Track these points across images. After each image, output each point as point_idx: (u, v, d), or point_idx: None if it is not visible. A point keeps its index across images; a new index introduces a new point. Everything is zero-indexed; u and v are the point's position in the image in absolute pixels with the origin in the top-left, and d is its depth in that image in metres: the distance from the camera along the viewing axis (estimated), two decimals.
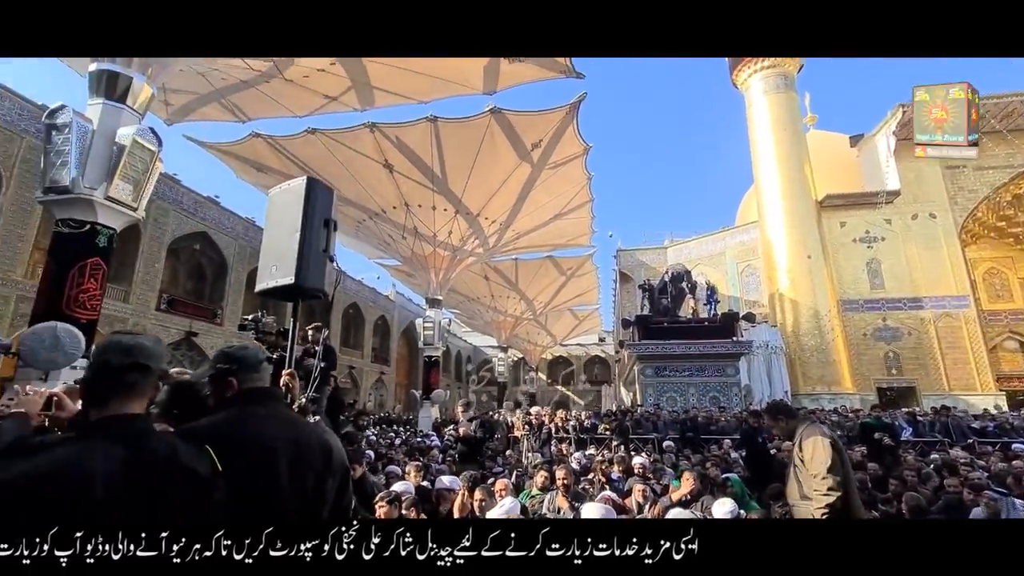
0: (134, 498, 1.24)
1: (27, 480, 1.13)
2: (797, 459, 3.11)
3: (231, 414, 1.66)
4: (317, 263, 2.69)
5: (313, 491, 1.75)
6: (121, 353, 1.35)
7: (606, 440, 11.49)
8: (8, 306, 12.59)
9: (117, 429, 1.29)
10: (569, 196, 20.73)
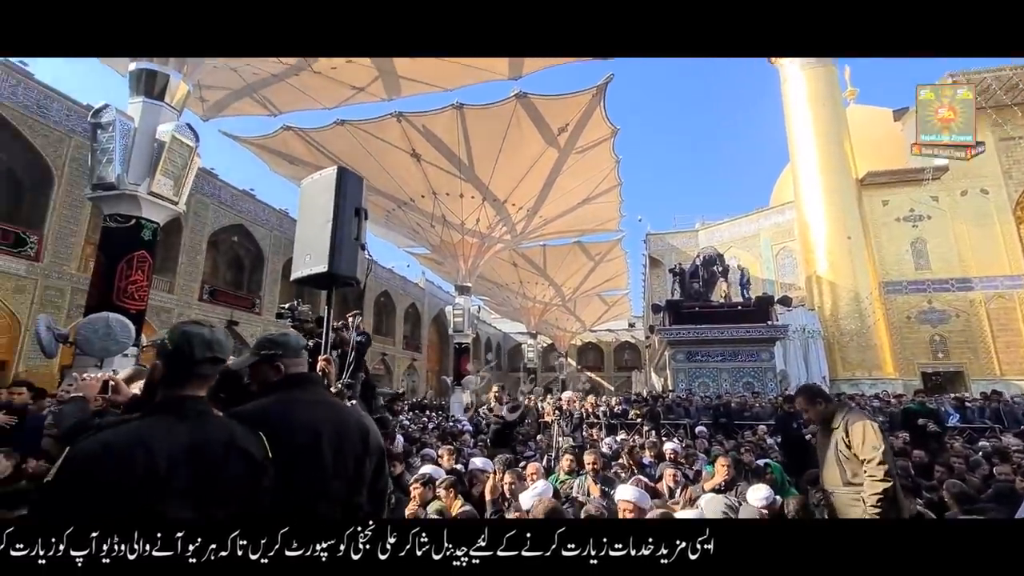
0: (194, 475, 1.31)
1: (101, 450, 1.21)
2: (842, 444, 3.04)
3: (277, 398, 1.72)
4: (349, 251, 2.75)
5: (353, 472, 1.82)
6: (203, 346, 1.44)
7: (637, 425, 11.46)
8: (64, 298, 13.32)
9: (182, 409, 1.37)
10: (597, 180, 20.48)
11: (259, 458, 1.45)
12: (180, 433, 1.33)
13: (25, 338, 12.18)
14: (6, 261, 12.26)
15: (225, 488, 1.36)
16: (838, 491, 3.06)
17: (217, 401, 1.91)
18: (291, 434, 1.63)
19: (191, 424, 1.36)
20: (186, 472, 1.30)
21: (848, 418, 3.11)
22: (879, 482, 2.84)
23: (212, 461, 1.34)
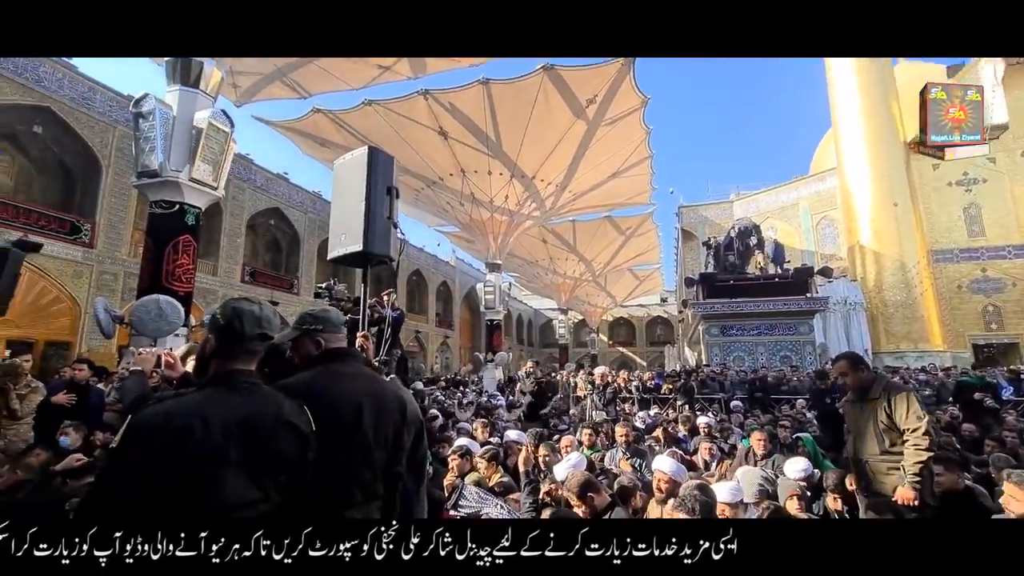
0: (247, 446, 1.41)
1: (162, 419, 1.31)
2: (882, 414, 3.01)
3: (319, 372, 1.81)
4: (383, 230, 2.82)
5: (392, 443, 1.90)
6: (253, 322, 1.52)
7: (670, 400, 11.42)
8: (118, 282, 14.05)
9: (234, 383, 1.46)
10: (627, 153, 20.03)
11: (305, 430, 1.53)
12: (234, 406, 1.41)
13: (85, 320, 12.95)
14: (64, 248, 12.97)
15: (275, 459, 1.44)
16: (873, 461, 3.05)
17: (263, 375, 2.03)
18: (333, 406, 1.70)
19: (243, 397, 1.45)
20: (240, 443, 1.38)
21: (890, 389, 3.10)
22: (923, 451, 2.83)
23: (263, 433, 1.42)
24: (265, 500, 1.43)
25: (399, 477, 1.97)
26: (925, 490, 2.85)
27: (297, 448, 1.50)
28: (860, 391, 3.20)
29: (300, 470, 1.52)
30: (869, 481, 3.05)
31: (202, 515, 1.29)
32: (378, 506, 1.83)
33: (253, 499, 1.39)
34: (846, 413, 3.38)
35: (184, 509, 1.28)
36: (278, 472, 1.45)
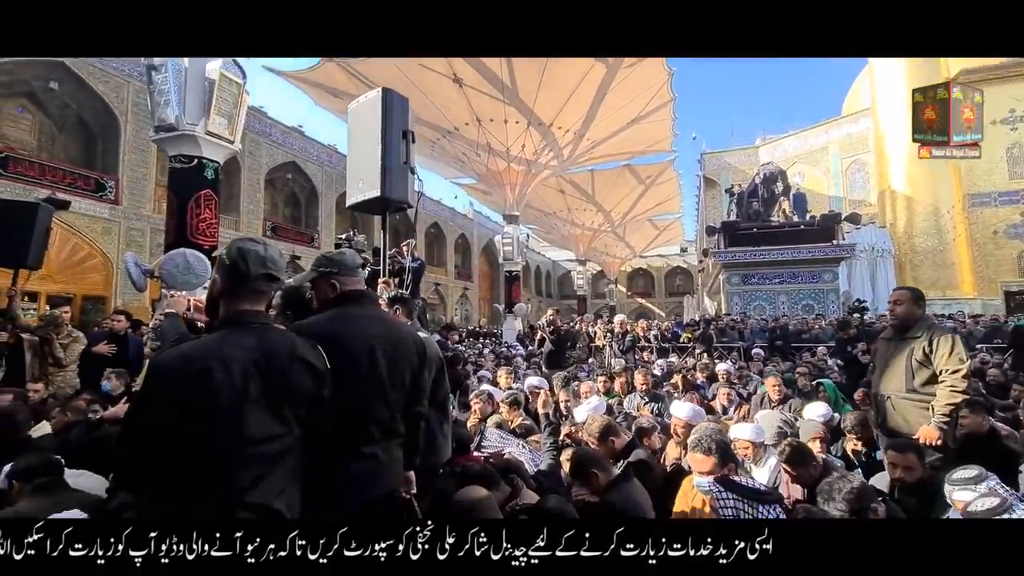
0: (264, 382, 1.45)
1: (181, 361, 1.37)
2: (920, 352, 3.01)
3: (334, 314, 1.84)
4: (400, 176, 2.81)
5: (411, 383, 1.95)
6: (258, 262, 1.53)
7: (689, 349, 11.46)
8: (145, 238, 14.38)
9: (245, 323, 1.50)
10: (648, 97, 19.22)
11: (319, 368, 1.58)
12: (248, 346, 1.46)
13: (117, 275, 13.37)
14: (91, 205, 13.24)
15: (293, 394, 1.50)
16: (897, 397, 3.06)
17: (284, 318, 2.07)
18: (346, 348, 1.74)
19: (256, 337, 1.49)
20: (258, 380, 1.44)
21: (934, 329, 3.08)
22: (959, 393, 2.83)
23: (279, 369, 1.47)
24: (288, 434, 1.50)
25: (420, 417, 2.04)
26: (948, 433, 2.86)
27: (313, 384, 1.55)
28: (902, 327, 3.17)
29: (318, 406, 1.58)
30: (886, 418, 3.08)
31: (230, 450, 1.36)
32: (398, 443, 1.91)
33: (277, 433, 1.46)
34: (877, 349, 3.36)
35: (212, 445, 1.35)
36: (297, 407, 1.51)
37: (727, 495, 1.71)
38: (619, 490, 2.43)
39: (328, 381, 1.62)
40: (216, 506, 1.35)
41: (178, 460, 1.36)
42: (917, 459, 2.59)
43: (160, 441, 1.33)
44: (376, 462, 1.78)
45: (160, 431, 1.32)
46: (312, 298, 2.01)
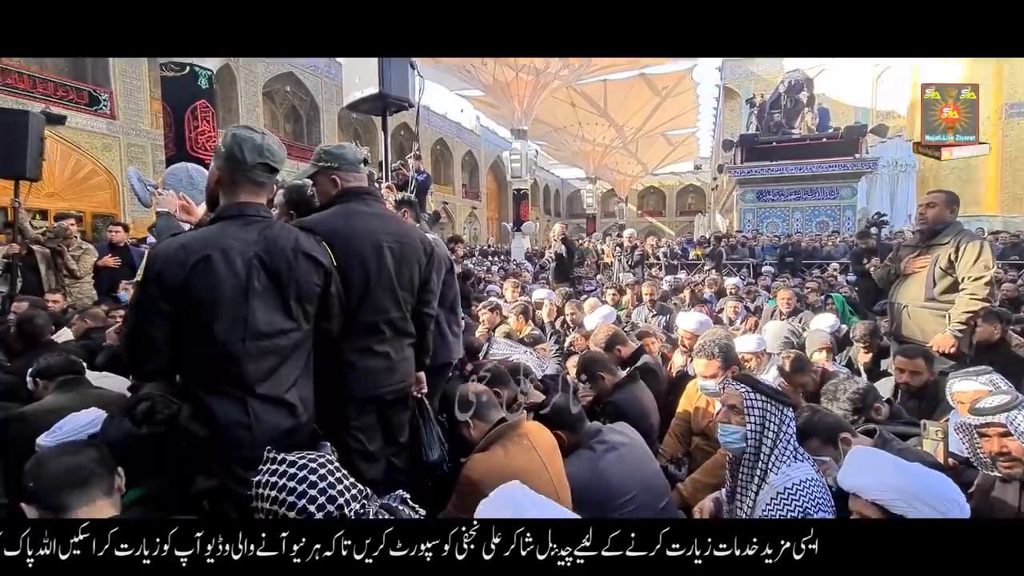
0: (269, 275, 1.43)
1: (181, 250, 1.34)
2: (944, 260, 2.94)
3: (337, 211, 1.78)
4: (399, 71, 2.62)
5: (421, 283, 1.93)
6: (254, 151, 1.45)
7: (698, 266, 11.42)
8: (147, 154, 14.10)
9: (245, 215, 1.45)
10: None
11: (325, 262, 1.55)
12: (249, 239, 1.41)
13: (123, 192, 13.28)
14: (88, 120, 12.87)
15: (299, 288, 1.47)
16: (914, 306, 3.02)
17: (288, 217, 2.02)
18: (352, 245, 1.70)
19: (257, 230, 1.44)
20: (262, 273, 1.41)
21: (962, 235, 2.97)
22: (978, 301, 2.79)
23: (283, 262, 1.44)
24: (297, 329, 1.50)
25: (430, 318, 2.04)
26: (964, 341, 2.85)
27: (320, 280, 1.53)
28: (930, 233, 3.08)
29: (327, 302, 1.57)
30: (900, 326, 3.07)
31: (237, 343, 1.37)
32: (409, 343, 1.92)
33: (285, 328, 1.46)
34: (900, 256, 3.28)
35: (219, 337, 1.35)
36: (305, 303, 1.50)
37: (755, 396, 1.72)
38: (625, 392, 2.49)
39: (335, 278, 1.60)
40: (230, 397, 1.38)
41: (188, 352, 1.38)
42: (925, 364, 2.59)
43: (166, 331, 1.33)
44: (388, 360, 1.80)
45: (164, 319, 1.32)
46: (315, 196, 1.95)
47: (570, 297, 5.06)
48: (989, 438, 1.61)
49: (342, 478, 1.17)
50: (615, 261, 8.02)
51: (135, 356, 1.32)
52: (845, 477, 1.24)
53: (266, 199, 1.55)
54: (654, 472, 1.96)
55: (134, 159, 13.73)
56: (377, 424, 1.83)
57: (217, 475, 1.35)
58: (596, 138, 32.64)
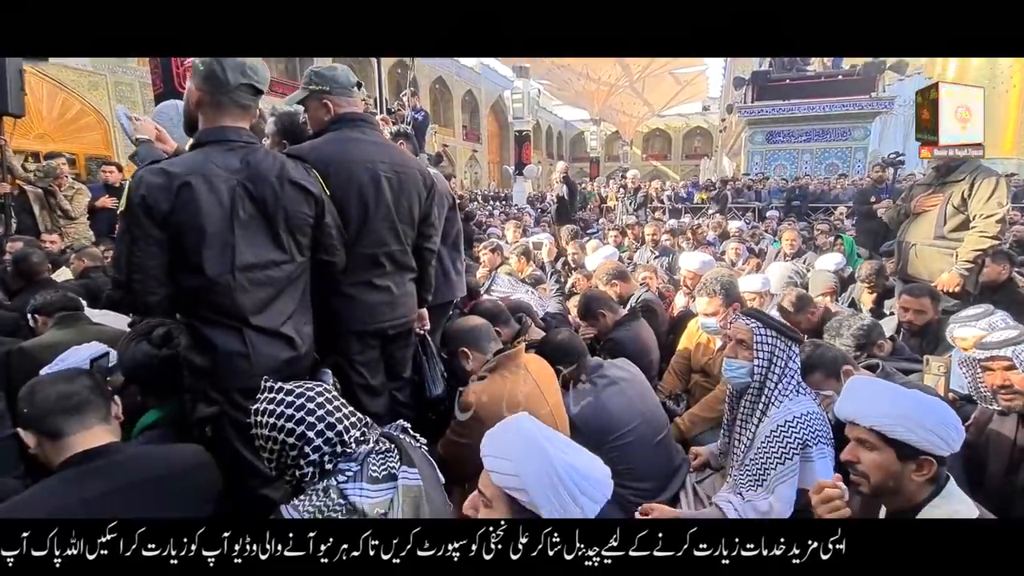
0: (255, 203, 1.37)
1: (162, 176, 1.27)
2: (958, 197, 2.87)
3: (330, 137, 1.70)
4: None
5: (421, 217, 1.87)
6: (236, 70, 1.36)
7: (703, 209, 11.24)
8: (135, 93, 13.62)
9: (228, 140, 1.38)
10: None
11: (315, 191, 1.47)
12: (233, 166, 1.35)
13: (115, 133, 12.92)
14: None
15: (289, 218, 1.41)
16: (922, 244, 2.97)
17: (280, 148, 1.94)
18: (346, 171, 1.63)
19: (240, 155, 1.37)
20: (247, 203, 1.35)
21: (979, 171, 2.88)
22: (988, 239, 2.73)
23: (269, 190, 1.37)
24: (290, 261, 1.45)
25: (432, 253, 1.99)
26: (970, 279, 2.81)
27: (310, 209, 1.47)
28: (945, 170, 2.99)
29: (321, 233, 1.51)
30: (907, 264, 3.03)
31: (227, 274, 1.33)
32: (411, 278, 1.89)
33: (277, 259, 1.42)
34: (912, 195, 3.19)
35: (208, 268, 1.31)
36: (296, 233, 1.44)
37: (766, 331, 1.71)
38: (626, 328, 2.48)
39: (328, 207, 1.54)
40: (226, 328, 1.36)
41: (179, 283, 1.34)
42: (931, 303, 2.57)
43: (160, 259, 1.29)
44: (389, 294, 1.77)
45: (156, 247, 1.28)
46: (307, 124, 1.85)
47: (576, 235, 4.99)
48: (993, 371, 1.61)
49: (340, 406, 1.17)
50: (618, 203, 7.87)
51: (133, 289, 1.28)
52: (843, 405, 1.23)
53: (249, 124, 1.47)
54: (654, 405, 1.98)
55: (123, 99, 13.28)
56: (380, 358, 1.82)
57: (218, 403, 1.36)
58: (601, 76, 31.33)
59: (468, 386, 1.66)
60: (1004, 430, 1.66)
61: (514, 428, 0.94)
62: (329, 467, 1.11)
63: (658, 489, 1.83)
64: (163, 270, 1.30)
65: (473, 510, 0.93)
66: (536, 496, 0.84)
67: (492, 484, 0.89)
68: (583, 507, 0.85)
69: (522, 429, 0.93)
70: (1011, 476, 1.63)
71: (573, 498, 0.85)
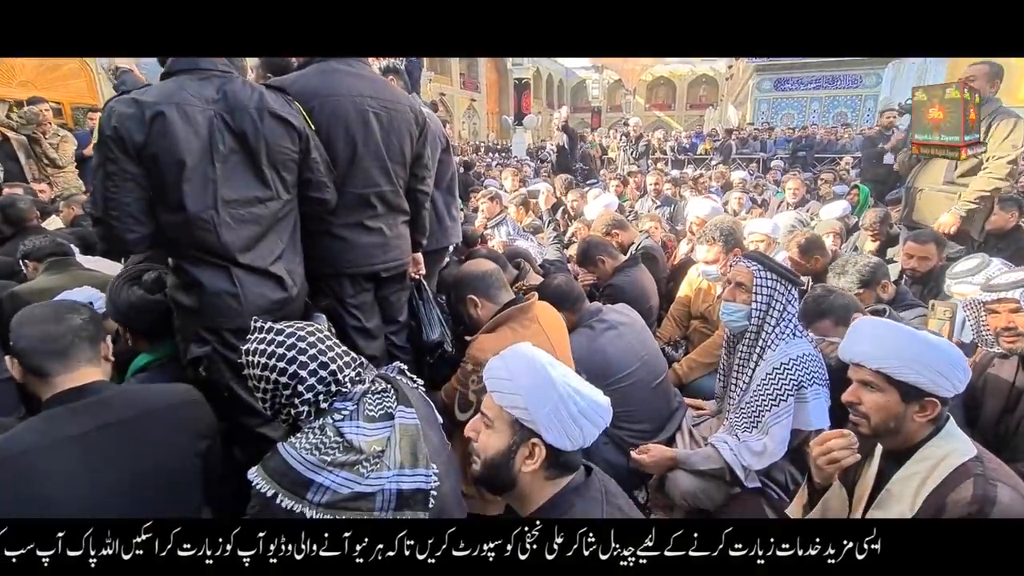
0: (234, 136, 1.31)
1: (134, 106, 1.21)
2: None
3: (314, 68, 1.62)
4: None
5: (413, 157, 1.79)
6: None
7: (706, 160, 11.01)
8: None
9: (201, 68, 1.30)
10: None
11: (297, 125, 1.41)
12: (208, 94, 1.29)
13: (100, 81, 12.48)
14: None
15: (271, 152, 1.36)
16: (930, 189, 2.90)
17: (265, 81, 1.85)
18: (331, 105, 1.56)
19: (216, 84, 1.31)
20: (227, 136, 1.29)
21: (997, 112, 2.76)
22: (996, 180, 2.65)
23: (247, 123, 1.31)
24: (275, 198, 1.40)
25: (425, 196, 1.93)
26: (975, 224, 2.75)
27: (293, 143, 1.41)
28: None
29: (308, 169, 1.46)
30: (912, 210, 2.97)
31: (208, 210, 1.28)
32: (403, 220, 1.84)
33: (261, 196, 1.37)
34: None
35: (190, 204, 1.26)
36: (279, 168, 1.39)
37: (765, 274, 1.68)
38: (625, 274, 2.45)
39: (314, 142, 1.48)
40: (213, 267, 1.32)
41: (161, 220, 1.29)
42: (936, 249, 2.53)
43: (138, 195, 1.24)
44: (382, 236, 1.73)
45: (132, 182, 1.22)
46: None
47: (572, 185, 4.89)
48: (998, 314, 1.59)
49: (334, 346, 1.15)
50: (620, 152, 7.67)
51: (111, 225, 1.23)
52: (848, 347, 1.20)
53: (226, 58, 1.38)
54: (653, 350, 1.97)
55: None
56: (374, 301, 1.80)
57: (210, 343, 1.34)
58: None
59: (476, 338, 1.63)
60: (1003, 373, 1.66)
61: (518, 352, 0.94)
62: (324, 406, 1.10)
63: (655, 431, 1.85)
64: (141, 207, 1.25)
65: (475, 432, 0.94)
66: (537, 415, 0.85)
67: (494, 405, 0.90)
68: (583, 429, 0.86)
69: (526, 353, 0.93)
70: (1006, 416, 1.65)
71: (574, 419, 0.85)
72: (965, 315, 1.75)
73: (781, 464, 1.66)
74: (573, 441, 0.86)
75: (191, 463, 1.14)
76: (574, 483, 0.91)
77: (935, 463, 1.10)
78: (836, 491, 1.26)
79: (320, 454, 1.04)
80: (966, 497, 1.03)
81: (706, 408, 2.06)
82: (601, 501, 0.89)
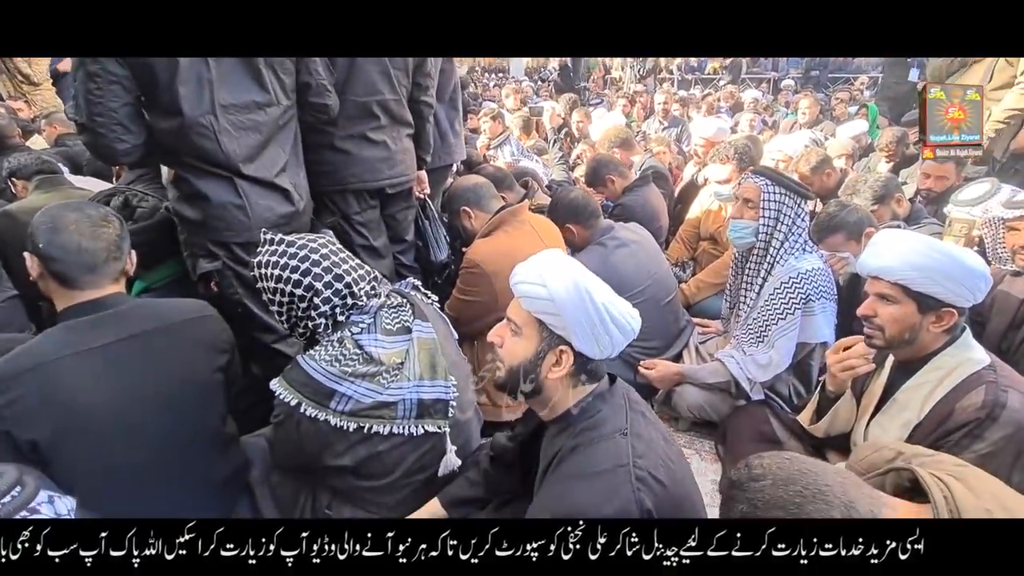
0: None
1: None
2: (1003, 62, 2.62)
3: None
4: None
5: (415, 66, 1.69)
6: None
7: (714, 80, 10.51)
8: None
9: None
10: None
11: None
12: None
13: None
14: None
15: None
16: None
17: None
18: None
19: None
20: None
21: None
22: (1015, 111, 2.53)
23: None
24: (274, 103, 1.33)
25: (429, 108, 1.85)
26: (999, 144, 2.65)
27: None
28: None
29: (307, 71, 1.39)
30: None
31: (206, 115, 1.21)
32: (407, 134, 1.76)
33: (260, 101, 1.30)
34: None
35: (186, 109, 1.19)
36: (279, 69, 1.32)
37: (774, 188, 1.64)
38: (635, 194, 2.39)
39: None
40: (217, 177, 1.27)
41: (158, 127, 1.22)
42: (955, 168, 2.46)
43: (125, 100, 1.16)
44: (386, 149, 1.66)
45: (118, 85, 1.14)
46: None
47: (575, 105, 4.68)
48: (1018, 231, 1.57)
49: (347, 258, 1.12)
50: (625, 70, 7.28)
51: (97, 133, 1.16)
52: (866, 260, 1.17)
53: None
54: (664, 267, 1.97)
55: None
56: (380, 219, 1.77)
57: (219, 257, 1.31)
58: None
59: (472, 244, 1.62)
60: (1013, 290, 1.66)
61: (550, 257, 0.91)
62: (341, 319, 1.09)
63: (663, 348, 1.88)
64: (129, 113, 1.17)
65: (499, 338, 0.93)
66: (569, 321, 0.84)
67: (523, 311, 0.88)
68: (612, 336, 0.86)
69: (558, 258, 0.91)
70: (1010, 333, 1.67)
71: (604, 326, 0.85)
72: (983, 232, 1.72)
73: (785, 377, 1.70)
74: (603, 349, 0.86)
75: (212, 377, 1.14)
76: (599, 389, 0.91)
77: (947, 371, 1.12)
78: (846, 400, 1.29)
79: (341, 365, 1.04)
80: (976, 403, 1.05)
81: (712, 327, 2.08)
82: (625, 407, 0.90)
